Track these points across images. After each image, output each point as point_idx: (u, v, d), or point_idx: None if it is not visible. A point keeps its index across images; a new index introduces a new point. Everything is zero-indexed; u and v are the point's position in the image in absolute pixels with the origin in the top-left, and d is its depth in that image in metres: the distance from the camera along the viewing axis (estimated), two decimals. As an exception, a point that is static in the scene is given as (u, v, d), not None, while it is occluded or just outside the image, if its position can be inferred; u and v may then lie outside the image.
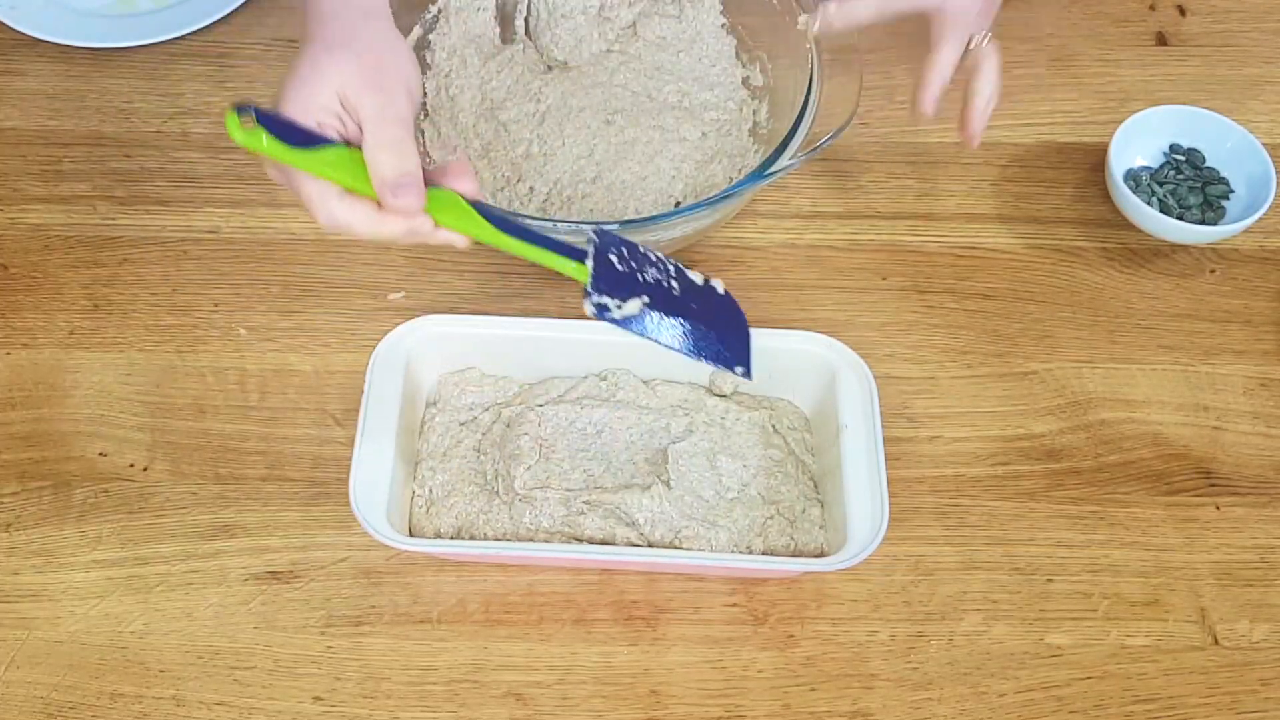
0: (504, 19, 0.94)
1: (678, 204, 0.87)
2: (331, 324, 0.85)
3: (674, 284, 0.67)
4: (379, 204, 0.62)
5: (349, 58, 0.63)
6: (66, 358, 0.83)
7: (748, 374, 0.69)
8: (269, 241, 0.89)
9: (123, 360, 0.83)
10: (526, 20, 0.94)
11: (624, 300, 0.65)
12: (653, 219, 0.77)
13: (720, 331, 0.68)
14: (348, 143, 0.62)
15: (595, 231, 0.67)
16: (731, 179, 0.87)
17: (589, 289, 0.65)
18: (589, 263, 0.65)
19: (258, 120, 0.58)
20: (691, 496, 0.75)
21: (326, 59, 0.63)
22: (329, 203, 0.61)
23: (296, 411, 0.81)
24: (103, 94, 0.97)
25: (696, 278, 0.69)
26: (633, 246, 0.67)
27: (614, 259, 0.66)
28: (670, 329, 0.67)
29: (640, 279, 0.66)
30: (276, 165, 0.62)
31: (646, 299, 0.66)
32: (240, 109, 0.58)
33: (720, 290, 0.70)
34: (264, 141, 0.59)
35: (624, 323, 0.65)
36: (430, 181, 0.62)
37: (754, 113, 0.91)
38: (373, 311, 0.86)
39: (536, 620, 0.73)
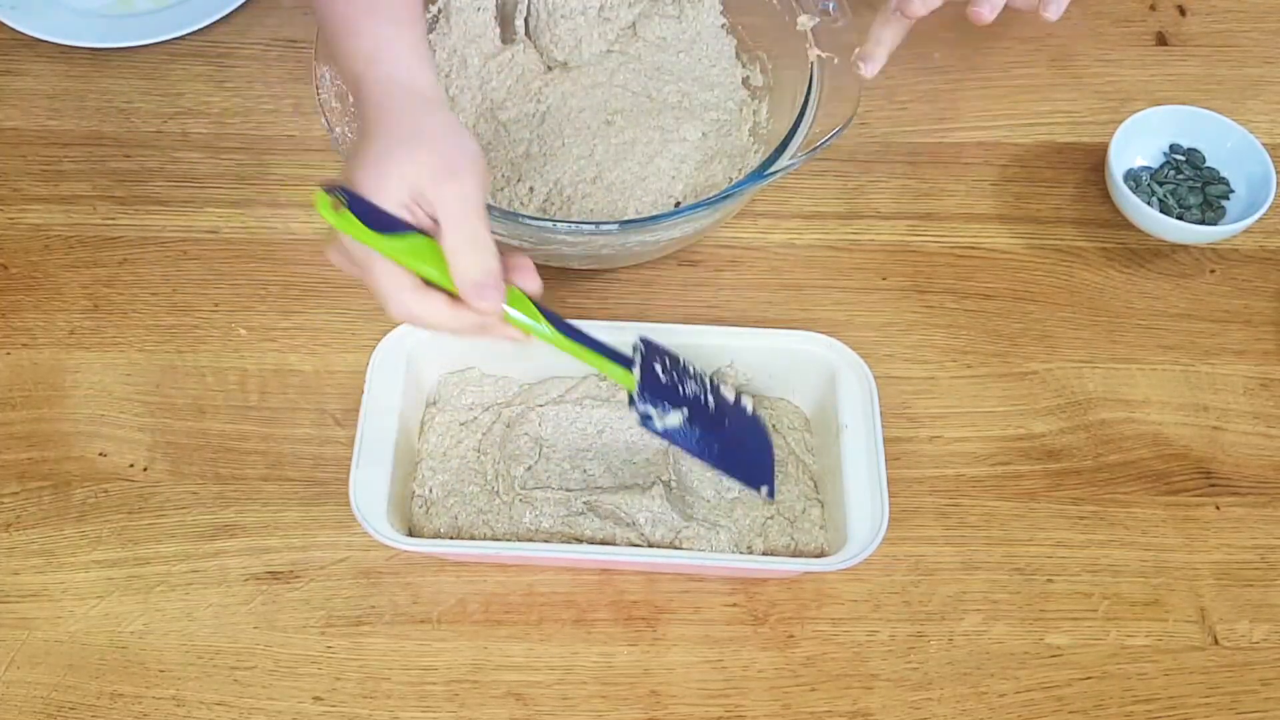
0: (504, 19, 0.94)
1: (678, 204, 0.87)
2: (331, 324, 0.85)
3: (710, 399, 0.70)
4: (452, 296, 0.62)
5: (421, 150, 0.63)
6: (66, 358, 0.83)
7: (771, 494, 0.71)
8: (269, 241, 0.89)
9: (123, 360, 0.83)
10: (526, 20, 0.94)
11: (666, 412, 0.68)
12: (653, 219, 0.77)
13: (748, 452, 0.72)
14: (424, 233, 0.62)
15: (641, 339, 0.69)
16: (731, 179, 0.87)
17: (634, 398, 0.67)
18: (635, 371, 0.67)
19: (346, 203, 0.59)
20: (692, 497, 0.75)
21: (398, 151, 0.62)
22: (404, 294, 0.62)
23: (296, 411, 0.81)
24: (103, 94, 0.97)
25: (729, 394, 0.72)
26: (675, 358, 0.70)
27: (658, 369, 0.69)
28: (707, 446, 0.69)
29: (680, 391, 0.69)
30: (346, 250, 0.62)
31: (686, 412, 0.68)
32: (330, 190, 0.59)
33: (749, 409, 0.72)
34: (354, 224, 0.59)
35: (665, 433, 0.68)
36: None
37: (754, 113, 0.91)
38: (373, 311, 0.85)
39: (536, 620, 0.73)
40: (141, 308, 0.86)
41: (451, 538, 0.73)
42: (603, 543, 0.73)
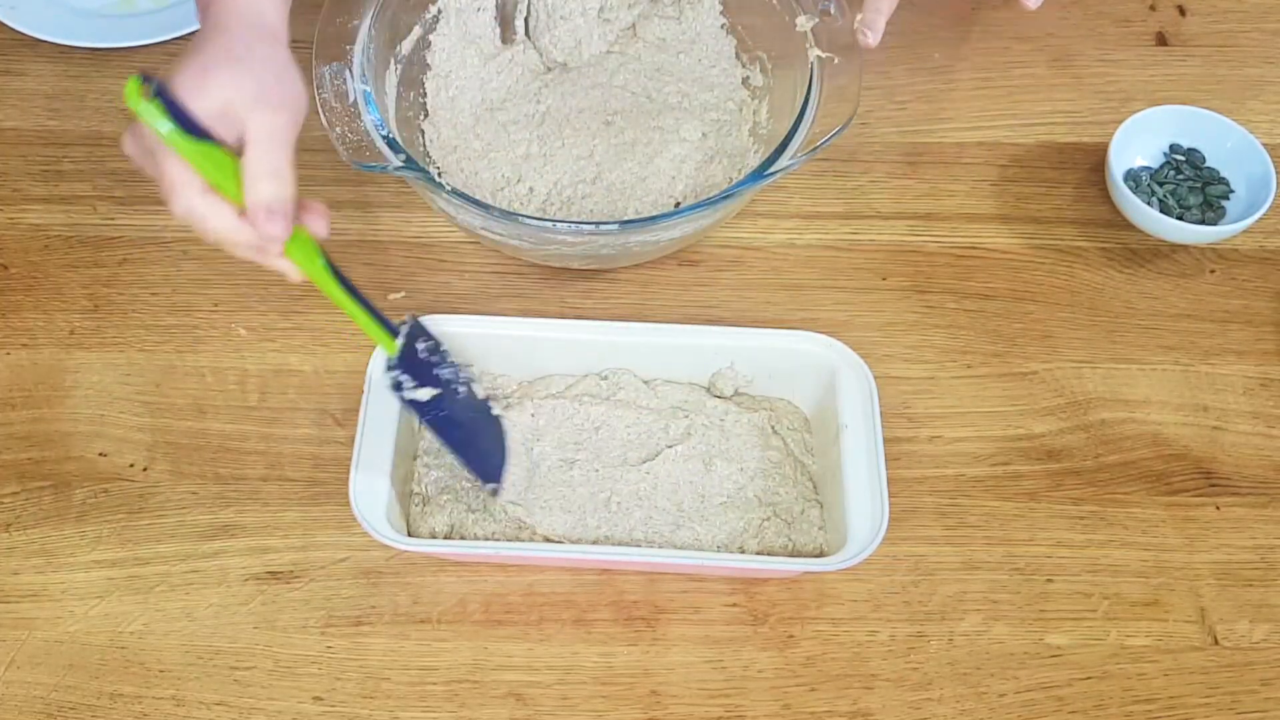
0: (504, 20, 0.94)
1: (678, 204, 0.87)
2: (331, 324, 0.85)
3: (460, 390, 0.74)
4: (240, 211, 0.63)
5: (242, 72, 0.64)
6: (66, 358, 0.83)
7: (497, 492, 0.74)
8: (269, 241, 0.89)
9: (123, 360, 0.83)
10: (526, 21, 0.94)
11: (418, 386, 0.71)
12: (653, 219, 0.78)
13: (485, 446, 0.75)
14: (226, 150, 0.63)
15: (412, 316, 0.73)
16: (731, 179, 0.87)
17: (391, 363, 0.71)
18: (400, 340, 0.71)
19: (158, 95, 0.59)
20: (691, 497, 0.75)
21: (219, 70, 0.63)
22: (191, 194, 0.62)
23: (296, 411, 0.81)
24: (103, 94, 0.97)
25: (479, 392, 0.76)
26: (438, 345, 0.74)
27: (420, 347, 0.72)
28: (448, 428, 0.73)
29: (434, 373, 0.72)
30: (142, 139, 0.63)
31: (437, 392, 0.72)
32: (145, 79, 0.59)
33: (495, 411, 0.76)
34: (159, 116, 0.59)
35: (410, 404, 0.71)
36: None
37: (754, 113, 0.91)
38: (373, 311, 0.86)
39: (536, 620, 0.73)
40: (141, 308, 0.86)
41: (445, 537, 0.73)
42: (602, 543, 0.73)
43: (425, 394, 0.71)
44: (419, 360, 0.72)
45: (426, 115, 0.91)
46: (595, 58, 0.94)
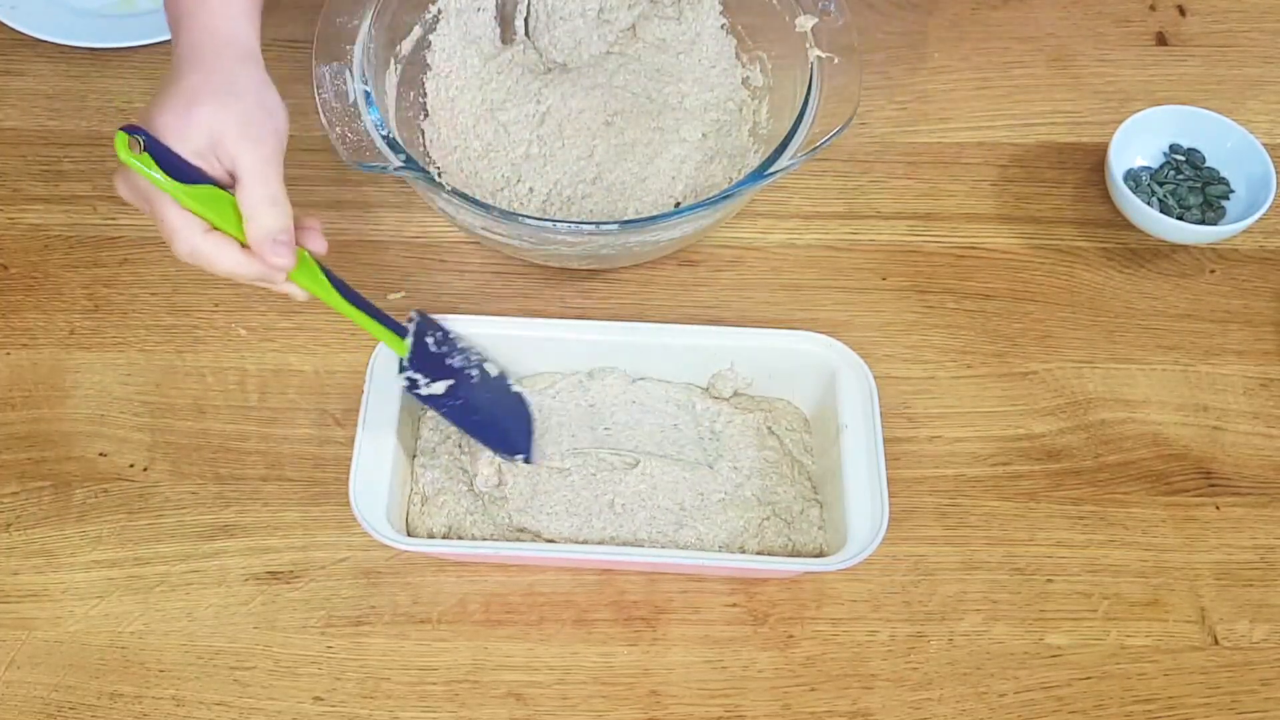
0: (504, 20, 0.94)
1: (678, 204, 0.87)
2: (331, 324, 0.85)
3: (475, 373, 0.75)
4: (242, 245, 0.64)
5: (227, 105, 0.64)
6: (66, 358, 0.83)
7: (528, 459, 0.75)
8: (269, 241, 0.89)
9: (123, 360, 0.83)
10: (526, 21, 0.94)
11: (433, 380, 0.72)
12: (652, 219, 0.78)
13: (508, 423, 0.76)
14: (218, 185, 0.64)
15: (417, 313, 0.74)
16: (731, 179, 0.87)
17: (404, 363, 0.72)
18: (409, 340, 0.72)
19: (145, 146, 0.61)
20: (692, 497, 0.75)
21: (202, 106, 0.64)
22: (194, 236, 0.63)
23: (296, 411, 0.81)
24: (103, 94, 0.97)
25: (493, 370, 0.76)
26: (446, 333, 0.75)
27: (430, 341, 0.73)
28: (467, 415, 0.74)
29: (447, 363, 0.74)
30: (134, 184, 0.64)
31: (452, 382, 0.73)
32: (131, 131, 0.61)
33: (512, 386, 0.77)
34: (151, 167, 0.61)
35: (428, 399, 0.72)
36: None
37: (754, 113, 0.91)
38: (373, 312, 0.86)
39: (536, 620, 0.73)
40: (141, 308, 0.86)
41: (443, 536, 0.73)
42: (602, 543, 0.73)
43: (441, 387, 0.72)
44: (430, 355, 0.73)
45: (426, 115, 0.91)
46: (595, 58, 0.94)
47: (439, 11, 0.91)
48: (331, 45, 0.80)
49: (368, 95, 0.79)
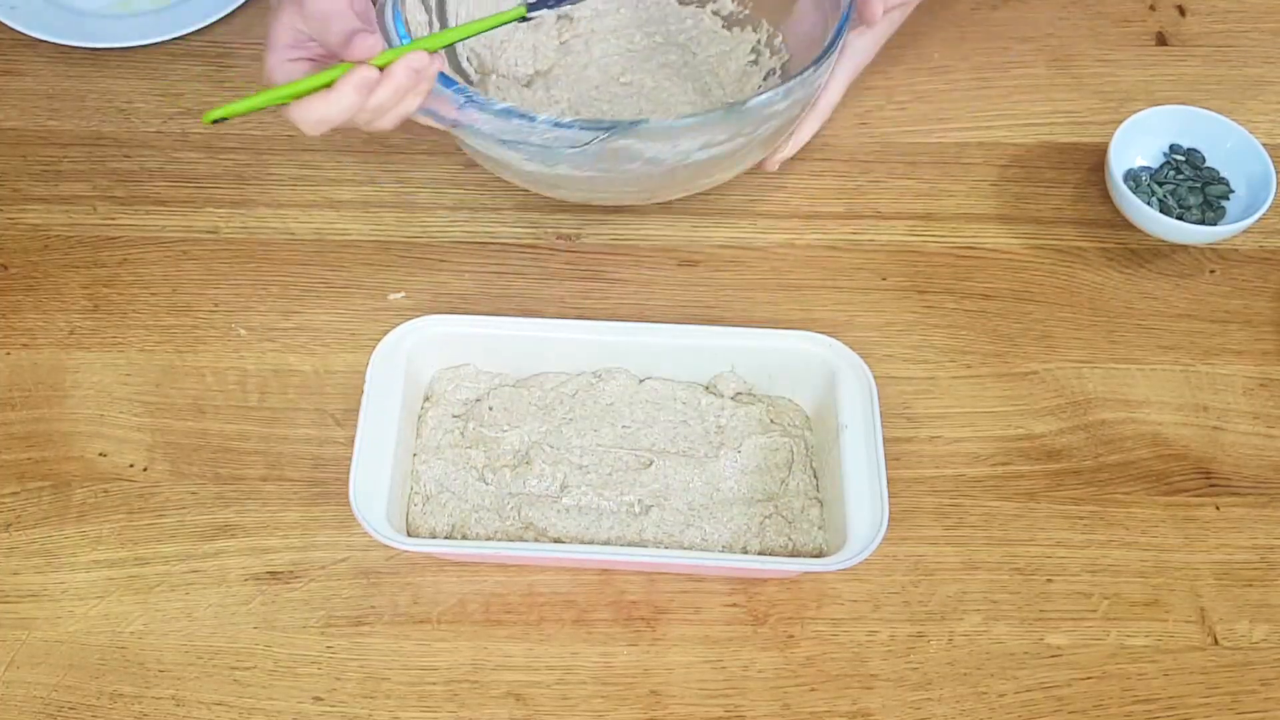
0: None
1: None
2: (331, 324, 0.85)
3: None
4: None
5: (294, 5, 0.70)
6: (66, 358, 0.83)
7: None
8: (269, 241, 0.89)
9: (123, 360, 0.83)
10: None
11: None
12: (681, 119, 0.76)
13: None
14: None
15: None
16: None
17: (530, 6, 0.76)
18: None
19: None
20: (699, 495, 0.75)
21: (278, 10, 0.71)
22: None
23: (296, 411, 0.81)
24: (102, 94, 0.97)
25: None
26: None
27: None
28: None
29: None
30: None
31: None
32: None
33: None
34: (236, 107, 0.67)
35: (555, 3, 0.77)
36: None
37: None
38: (373, 311, 0.86)
39: (536, 620, 0.73)
40: (141, 308, 0.86)
41: (446, 535, 0.73)
42: (603, 543, 0.73)
43: None
44: None
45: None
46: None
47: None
48: None
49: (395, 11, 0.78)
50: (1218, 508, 0.78)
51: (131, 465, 0.79)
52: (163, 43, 0.99)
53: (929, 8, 1.03)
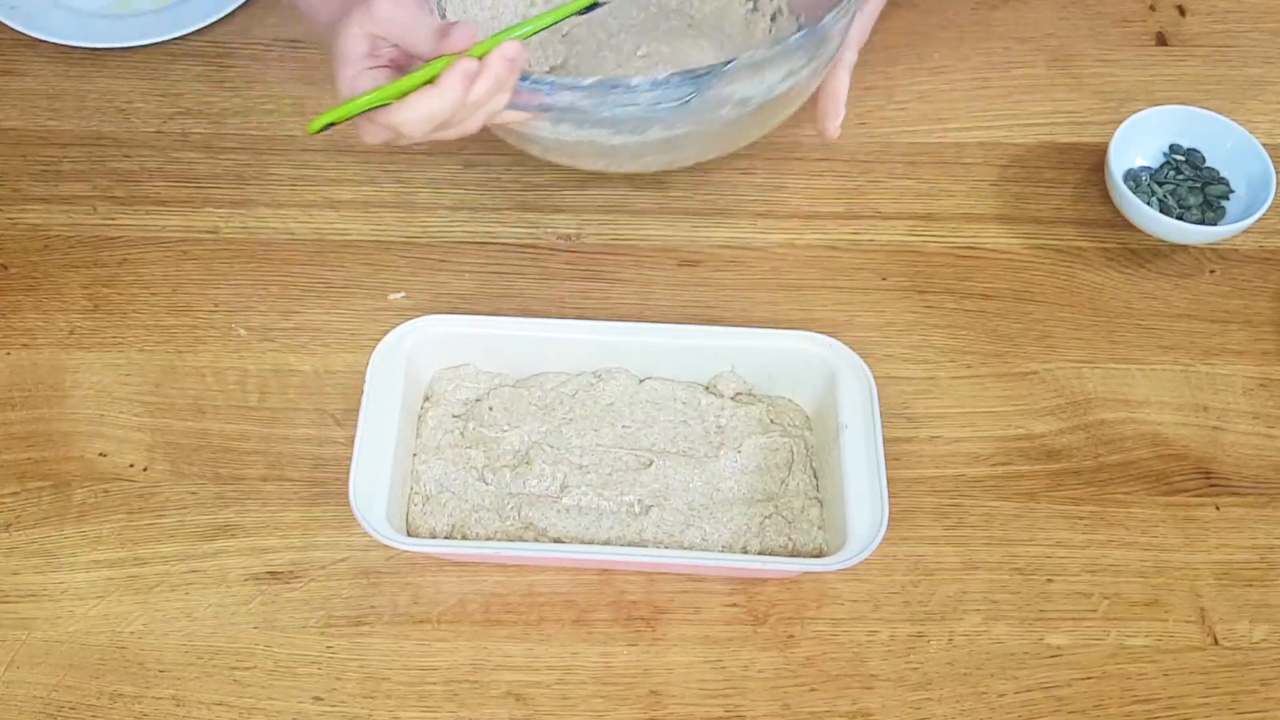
0: None
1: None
2: (331, 324, 0.85)
3: None
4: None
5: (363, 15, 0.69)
6: (66, 358, 0.83)
7: None
8: (269, 241, 0.89)
9: (123, 360, 0.83)
10: None
11: None
12: (763, 50, 0.75)
13: None
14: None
15: None
16: None
17: None
18: None
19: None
20: (688, 495, 0.75)
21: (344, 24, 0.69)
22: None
23: (296, 411, 0.81)
24: (102, 94, 0.97)
25: None
26: None
27: None
28: None
29: None
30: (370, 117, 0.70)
31: None
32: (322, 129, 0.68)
33: None
34: (337, 113, 0.68)
35: None
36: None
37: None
38: (373, 311, 0.86)
39: (536, 620, 0.73)
40: (141, 308, 0.86)
41: (446, 535, 0.73)
42: (604, 543, 0.73)
43: None
44: None
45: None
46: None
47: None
48: None
49: None
50: (1218, 508, 0.78)
51: (131, 465, 0.79)
52: (163, 43, 0.99)
53: (929, 7, 1.03)
